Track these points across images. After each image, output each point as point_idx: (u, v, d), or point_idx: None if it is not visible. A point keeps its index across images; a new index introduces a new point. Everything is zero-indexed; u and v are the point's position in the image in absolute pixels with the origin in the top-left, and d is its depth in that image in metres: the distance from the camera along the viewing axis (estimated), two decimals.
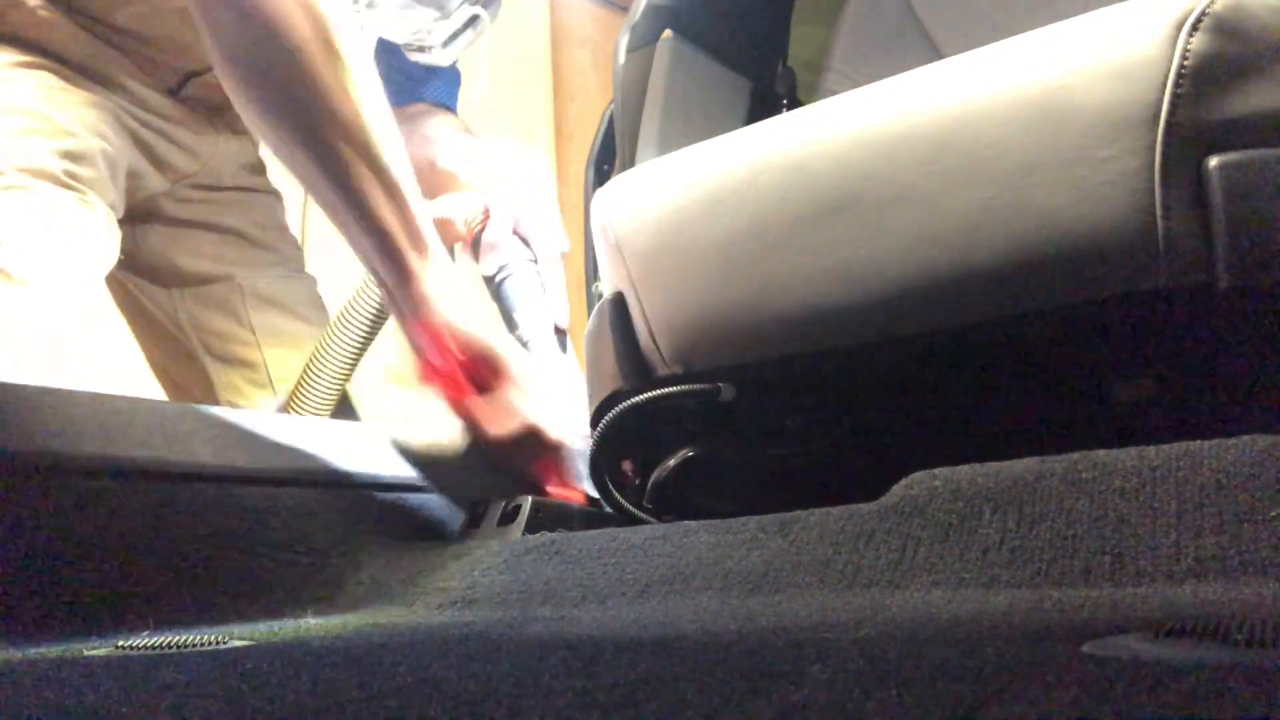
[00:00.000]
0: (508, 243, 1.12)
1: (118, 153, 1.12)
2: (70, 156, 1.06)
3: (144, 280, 1.30)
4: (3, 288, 0.99)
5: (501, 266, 1.11)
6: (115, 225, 1.11)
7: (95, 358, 1.05)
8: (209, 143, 1.25)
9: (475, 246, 1.13)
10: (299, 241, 1.44)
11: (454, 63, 1.22)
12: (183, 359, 1.32)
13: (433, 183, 1.22)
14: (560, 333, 1.11)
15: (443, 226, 1.10)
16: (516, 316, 1.09)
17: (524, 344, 1.07)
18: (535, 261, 1.13)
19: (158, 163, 1.19)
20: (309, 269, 1.40)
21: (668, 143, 1.16)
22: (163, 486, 0.76)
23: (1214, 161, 0.65)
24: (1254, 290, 0.65)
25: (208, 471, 0.79)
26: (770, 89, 1.39)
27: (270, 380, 1.30)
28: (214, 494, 0.79)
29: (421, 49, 1.14)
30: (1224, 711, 0.25)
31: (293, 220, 1.43)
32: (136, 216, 1.23)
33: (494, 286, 1.12)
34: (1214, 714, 0.25)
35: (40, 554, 0.67)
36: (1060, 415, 0.85)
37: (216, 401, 1.30)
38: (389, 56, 1.16)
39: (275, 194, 1.38)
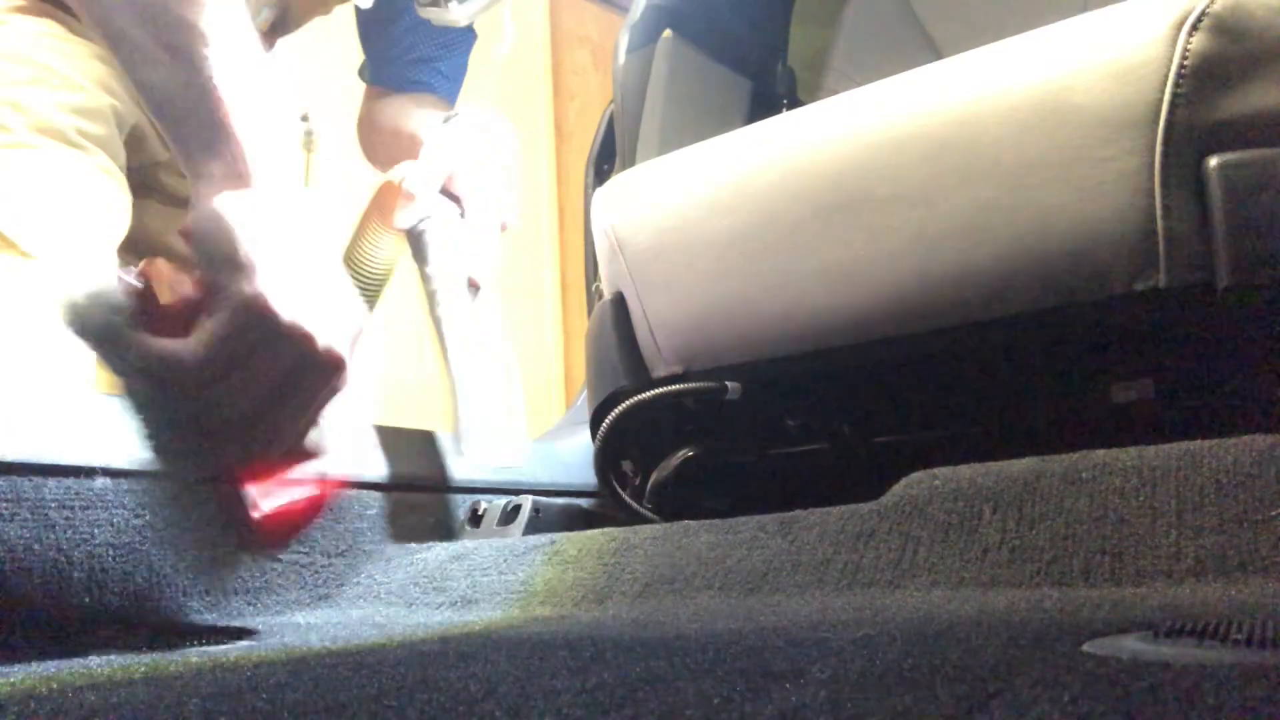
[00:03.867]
0: (425, 196, 1.05)
1: (126, 111, 1.02)
2: (80, 113, 0.96)
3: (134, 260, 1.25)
4: (11, 261, 0.94)
5: (421, 219, 1.05)
6: (127, 191, 1.06)
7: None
8: None
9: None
10: None
11: (469, 27, 1.12)
12: None
13: (409, 153, 1.19)
14: (474, 287, 1.09)
15: (388, 191, 1.05)
16: (428, 269, 1.06)
17: (431, 292, 1.05)
18: (461, 218, 1.08)
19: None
20: None
21: (668, 143, 1.16)
22: (161, 486, 0.76)
23: (1214, 161, 0.65)
24: (1254, 289, 0.65)
25: (208, 472, 0.79)
26: (770, 89, 1.39)
27: None
28: (215, 494, 0.79)
29: (435, 3, 1.09)
30: (1224, 711, 0.25)
31: None
32: (133, 189, 1.19)
33: (413, 239, 1.06)
34: (1214, 714, 0.25)
35: (40, 555, 0.67)
36: (1060, 415, 0.85)
37: None
38: (400, 33, 1.11)
39: None
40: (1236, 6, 0.65)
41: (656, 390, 0.91)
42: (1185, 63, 0.65)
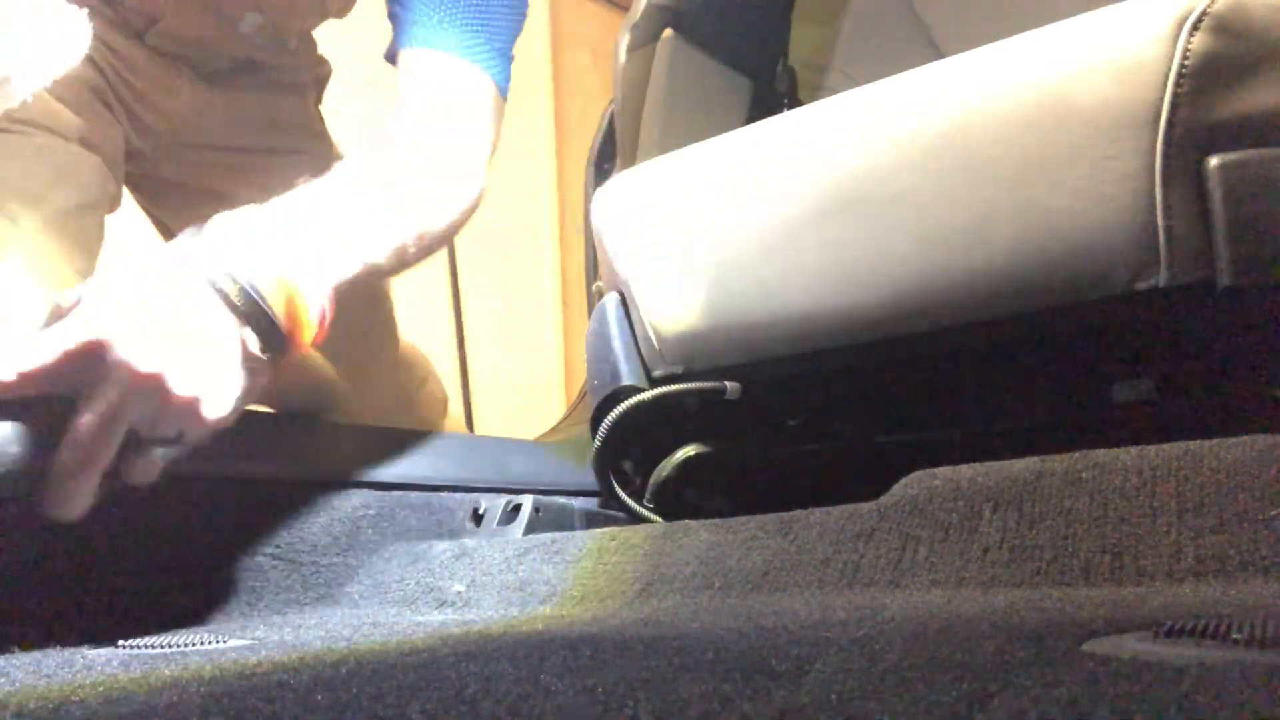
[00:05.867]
0: None
1: (77, 79, 1.00)
2: None
3: None
4: None
5: None
6: (85, 154, 1.03)
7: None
8: (178, 95, 1.14)
9: None
10: None
11: None
12: None
13: None
14: None
15: None
16: None
17: None
18: None
19: (130, 114, 1.10)
20: None
21: (668, 142, 1.16)
22: (162, 487, 0.76)
23: (1214, 161, 0.65)
24: (1254, 289, 0.65)
25: (207, 472, 0.79)
26: (770, 89, 1.39)
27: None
28: (214, 494, 0.79)
29: None
30: (1224, 711, 0.25)
31: None
32: (149, 186, 1.15)
33: None
34: (1214, 714, 0.25)
35: (40, 556, 0.67)
36: (1060, 415, 0.85)
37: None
38: None
39: (305, 153, 1.22)
40: (1236, 6, 0.65)
41: (657, 390, 0.91)
42: (1186, 63, 0.65)
